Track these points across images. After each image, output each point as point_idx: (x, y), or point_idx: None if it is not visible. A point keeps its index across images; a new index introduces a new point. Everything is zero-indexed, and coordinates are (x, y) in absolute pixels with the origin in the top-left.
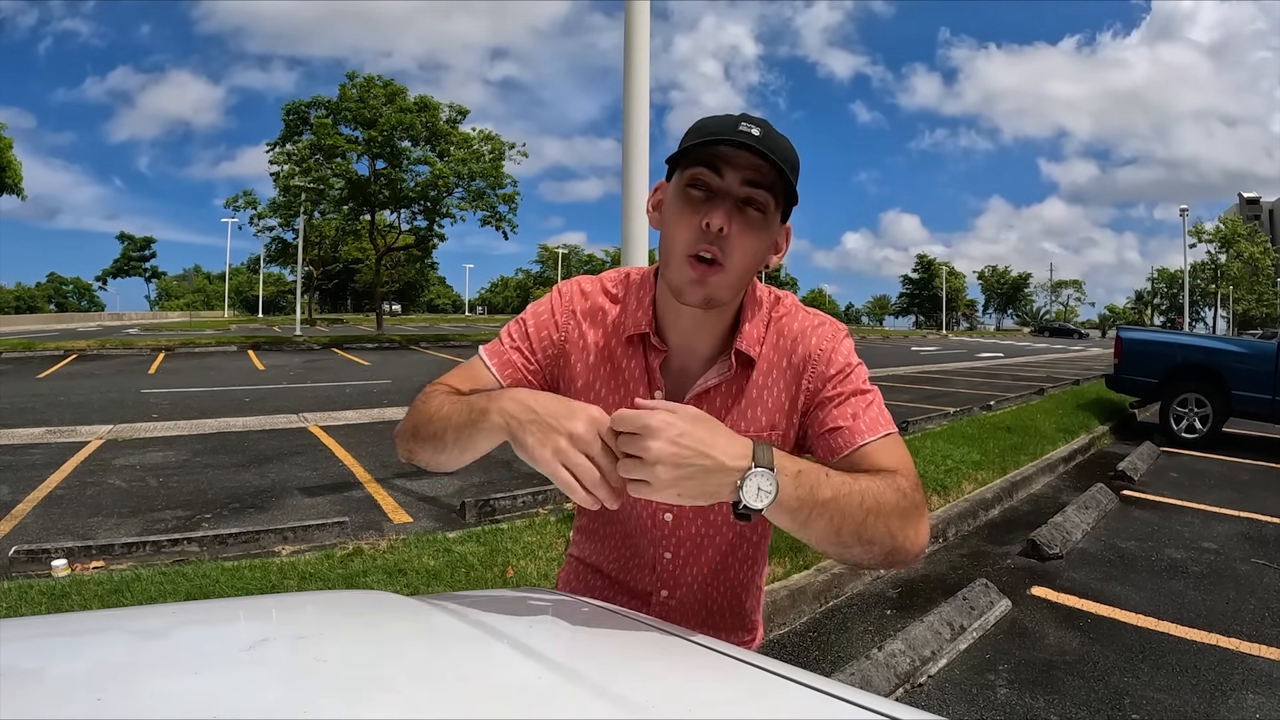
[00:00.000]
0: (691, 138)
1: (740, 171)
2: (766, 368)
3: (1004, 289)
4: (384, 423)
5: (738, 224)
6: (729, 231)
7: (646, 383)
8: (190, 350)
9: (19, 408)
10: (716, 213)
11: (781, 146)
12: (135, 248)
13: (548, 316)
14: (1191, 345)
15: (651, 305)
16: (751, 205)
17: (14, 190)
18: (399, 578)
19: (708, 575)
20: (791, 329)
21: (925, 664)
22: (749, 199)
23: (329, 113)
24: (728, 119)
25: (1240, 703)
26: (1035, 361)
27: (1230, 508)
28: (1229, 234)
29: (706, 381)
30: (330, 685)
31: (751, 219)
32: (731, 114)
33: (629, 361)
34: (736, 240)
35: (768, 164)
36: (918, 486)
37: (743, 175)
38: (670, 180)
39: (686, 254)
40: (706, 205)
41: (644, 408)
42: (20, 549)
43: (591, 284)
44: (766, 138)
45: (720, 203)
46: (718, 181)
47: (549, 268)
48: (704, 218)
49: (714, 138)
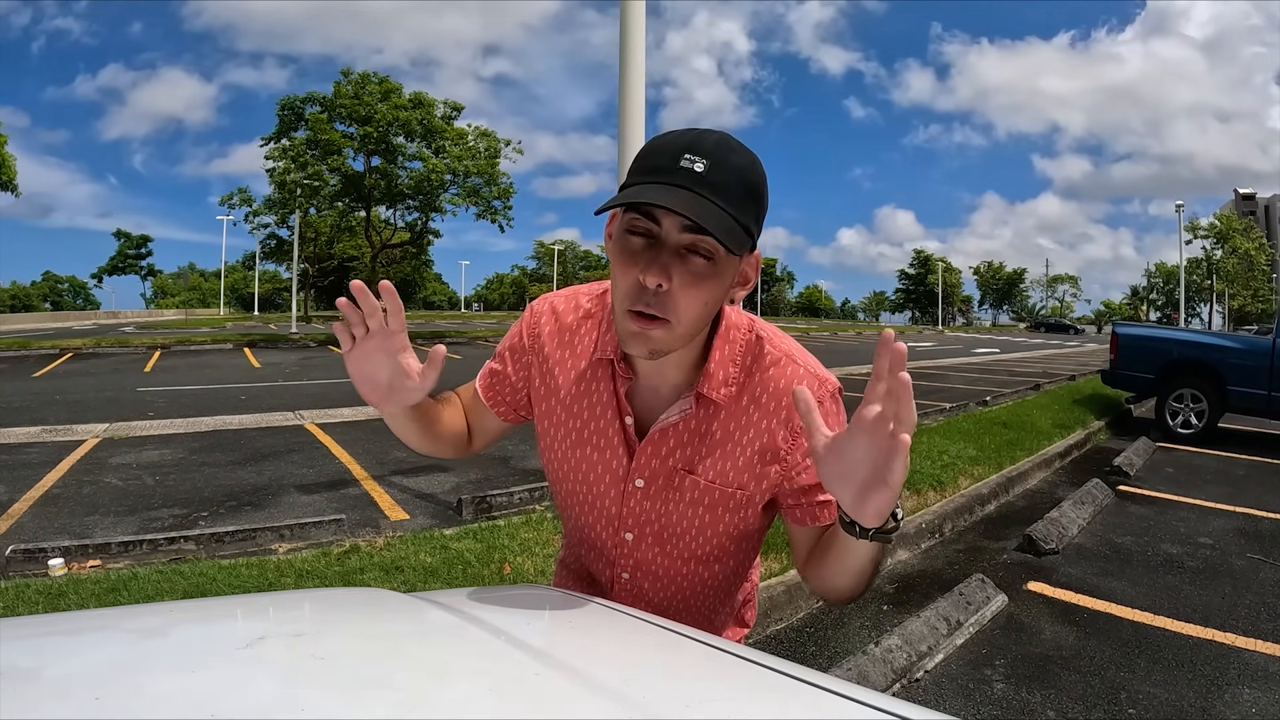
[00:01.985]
0: (634, 170)
1: (679, 218)
2: (742, 419)
3: (1000, 285)
4: (380, 420)
5: (680, 277)
6: (670, 287)
7: (615, 408)
8: (186, 348)
9: (15, 406)
10: (653, 268)
11: (730, 176)
12: (131, 245)
13: (517, 340)
14: (1187, 341)
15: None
16: (696, 252)
17: (8, 187)
18: (396, 575)
19: (670, 601)
20: (777, 388)
21: (922, 659)
22: (691, 247)
23: (324, 109)
24: (673, 145)
25: (1236, 697)
26: (1031, 357)
27: (1226, 503)
28: (1225, 229)
29: (668, 418)
30: (328, 683)
31: (697, 268)
32: (686, 132)
33: (598, 385)
34: (680, 294)
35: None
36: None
37: (681, 222)
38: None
39: (625, 307)
40: (646, 255)
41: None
42: (17, 548)
43: (566, 302)
44: (713, 170)
45: (659, 253)
46: (657, 230)
47: (545, 264)
48: (641, 272)
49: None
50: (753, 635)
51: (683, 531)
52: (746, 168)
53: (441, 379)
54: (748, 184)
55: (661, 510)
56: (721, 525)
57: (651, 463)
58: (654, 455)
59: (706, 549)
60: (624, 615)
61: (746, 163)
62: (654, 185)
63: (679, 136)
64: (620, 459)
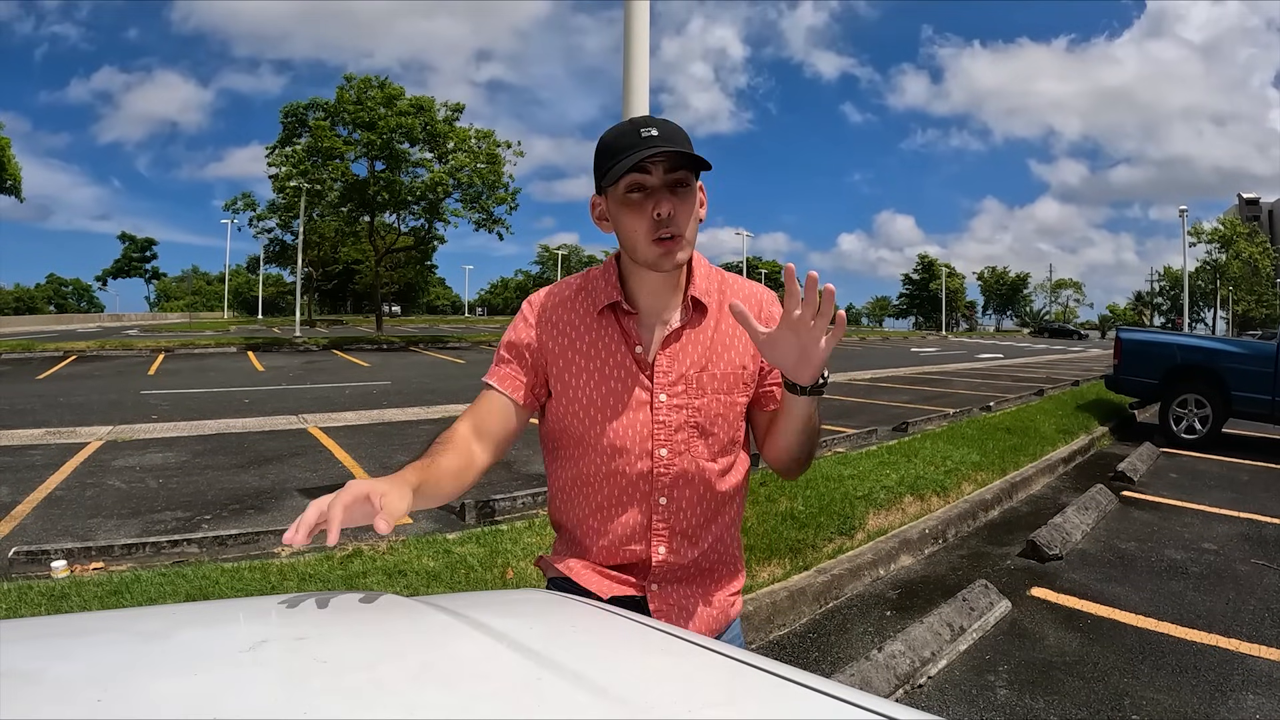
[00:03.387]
0: (607, 158)
1: (662, 165)
2: (726, 318)
3: (1003, 290)
4: (384, 424)
5: (676, 204)
6: (674, 213)
7: (625, 342)
8: (190, 351)
9: (19, 409)
10: (662, 203)
11: (675, 132)
12: (136, 248)
13: (523, 326)
14: (1191, 346)
15: (618, 281)
16: (679, 185)
17: (13, 191)
18: (399, 579)
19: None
20: (742, 292)
21: (925, 665)
22: (676, 182)
23: (327, 115)
24: (628, 129)
25: (1240, 703)
26: (1035, 362)
27: (1230, 508)
28: (1228, 234)
29: (670, 325)
30: (330, 686)
31: (683, 195)
32: (630, 120)
33: (605, 331)
34: (680, 215)
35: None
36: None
37: (664, 167)
38: (604, 194)
39: (650, 239)
40: (650, 199)
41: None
42: (20, 550)
43: (555, 286)
44: (664, 133)
45: (658, 194)
46: (650, 180)
47: (549, 268)
48: (654, 209)
49: (633, 153)
50: (755, 642)
51: (711, 420)
52: (681, 127)
53: (442, 380)
54: (686, 135)
55: (692, 411)
56: (738, 406)
57: (670, 374)
58: (669, 368)
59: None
60: (626, 619)
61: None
62: (639, 151)
63: (627, 124)
64: (643, 382)
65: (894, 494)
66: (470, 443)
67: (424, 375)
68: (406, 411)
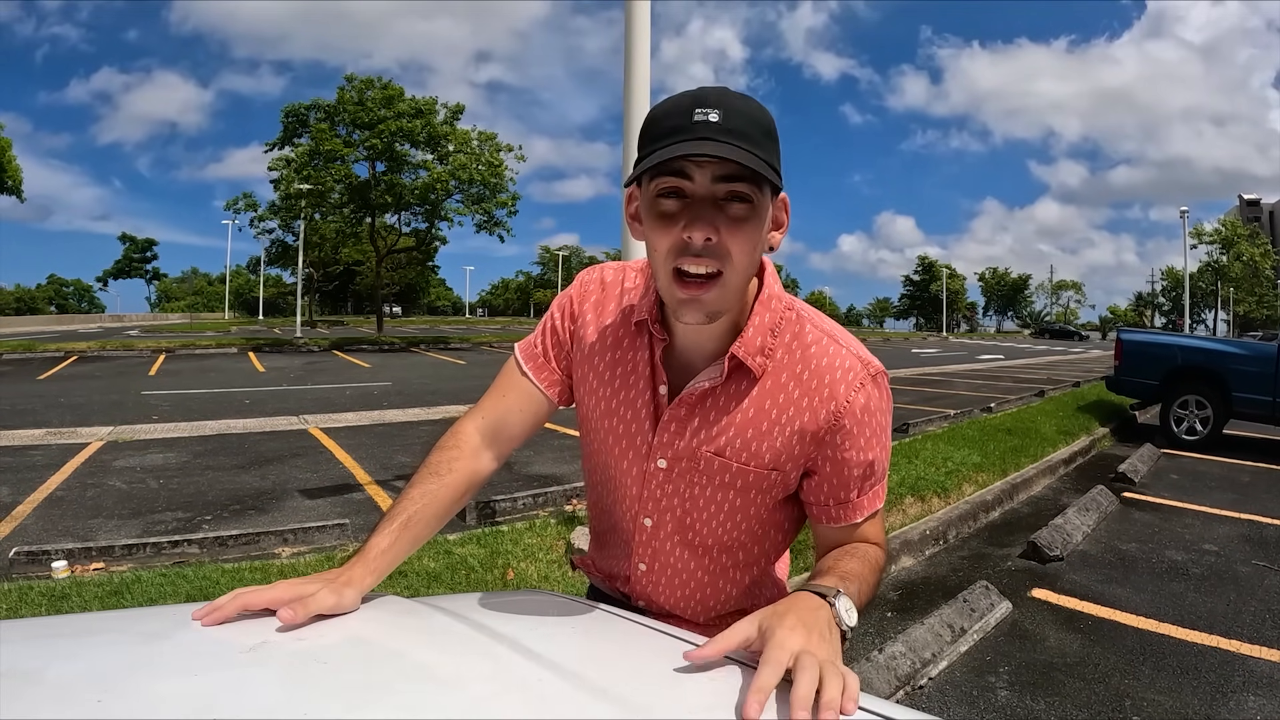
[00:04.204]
0: (646, 141)
1: (710, 168)
2: (780, 396)
3: (1004, 291)
4: (384, 425)
5: (725, 226)
6: (719, 239)
7: (650, 376)
8: (191, 352)
9: (19, 409)
10: (697, 224)
11: (745, 121)
12: (137, 249)
13: (567, 306)
14: (1192, 347)
15: (657, 292)
16: (736, 199)
17: (14, 191)
18: (399, 580)
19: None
20: (820, 365)
21: (926, 666)
22: (731, 195)
23: (327, 116)
24: (681, 104)
25: (1241, 704)
26: (1036, 364)
27: (1231, 509)
28: (1229, 235)
29: (697, 384)
30: (330, 687)
31: (738, 214)
32: (687, 92)
33: (635, 352)
34: (729, 242)
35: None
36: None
37: (714, 172)
38: (640, 186)
39: (670, 270)
40: (685, 213)
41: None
42: (20, 550)
43: (615, 273)
44: (727, 117)
45: (699, 209)
46: (690, 186)
47: (550, 269)
48: (685, 230)
49: (673, 142)
50: None
51: (708, 518)
52: (757, 110)
53: (444, 381)
54: (763, 126)
55: (686, 495)
56: (752, 509)
57: (675, 441)
58: (678, 433)
59: (731, 536)
60: (628, 620)
61: (755, 106)
62: (677, 143)
63: (682, 96)
64: (645, 433)
65: (895, 495)
66: (477, 455)
67: (425, 376)
68: (407, 412)
